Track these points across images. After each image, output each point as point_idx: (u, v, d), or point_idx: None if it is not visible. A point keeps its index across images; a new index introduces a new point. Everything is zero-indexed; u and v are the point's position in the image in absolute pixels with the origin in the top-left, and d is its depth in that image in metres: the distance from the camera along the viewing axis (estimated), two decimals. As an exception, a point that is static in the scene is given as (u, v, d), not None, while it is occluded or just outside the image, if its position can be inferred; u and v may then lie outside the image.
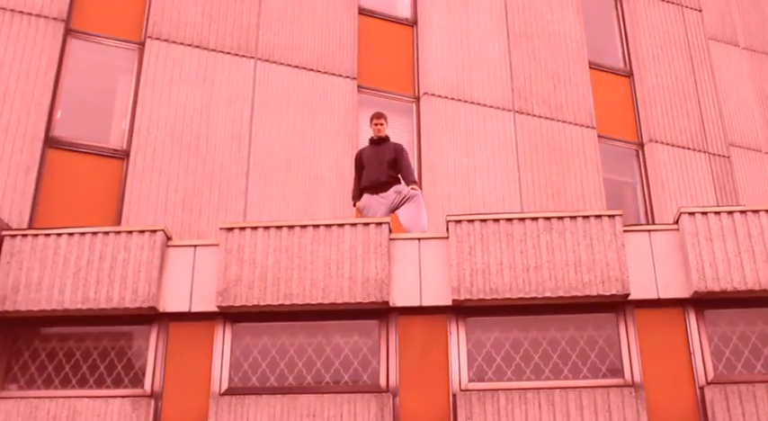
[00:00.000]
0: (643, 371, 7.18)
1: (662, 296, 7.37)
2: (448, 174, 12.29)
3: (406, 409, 7.15)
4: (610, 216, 7.59)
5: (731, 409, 6.94)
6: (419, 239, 7.73)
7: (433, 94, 12.84)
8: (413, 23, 13.62)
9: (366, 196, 9.32)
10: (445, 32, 13.43)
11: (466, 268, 7.43)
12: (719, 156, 14.42)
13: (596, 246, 7.46)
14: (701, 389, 7.14)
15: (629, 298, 7.36)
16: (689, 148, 14.21)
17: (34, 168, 10.15)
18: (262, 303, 7.38)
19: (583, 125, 13.65)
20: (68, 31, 11.19)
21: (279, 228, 7.63)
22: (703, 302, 7.43)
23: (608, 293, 7.29)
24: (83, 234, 7.69)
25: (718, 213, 7.57)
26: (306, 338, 7.50)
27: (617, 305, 7.46)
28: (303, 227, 7.63)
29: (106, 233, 7.71)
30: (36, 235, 7.73)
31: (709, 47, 15.61)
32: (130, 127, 10.98)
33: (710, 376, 7.20)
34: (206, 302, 7.51)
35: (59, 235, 7.69)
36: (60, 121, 10.71)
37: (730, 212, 7.57)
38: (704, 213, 7.57)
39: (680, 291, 7.37)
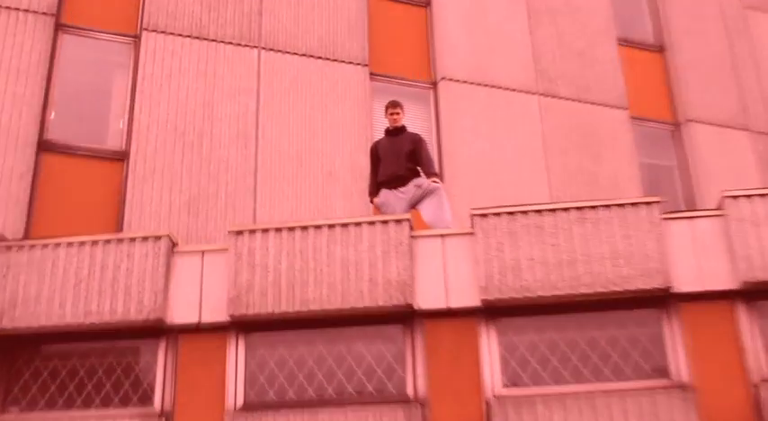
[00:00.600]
0: (691, 370, 7.08)
1: (708, 288, 7.27)
2: (470, 164, 12.23)
3: (437, 420, 7.08)
4: (647, 203, 7.51)
5: (788, 408, 6.86)
6: (443, 236, 7.67)
7: (452, 79, 12.78)
8: (426, 4, 13.55)
9: (384, 192, 9.27)
10: (461, 12, 13.36)
11: (494, 265, 7.36)
12: (764, 133, 14.28)
13: (634, 236, 7.37)
14: (756, 387, 7.03)
15: (673, 291, 7.25)
16: (730, 127, 14.10)
17: (28, 175, 10.15)
18: (276, 311, 7.33)
19: (613, 106, 13.58)
20: (59, 27, 11.18)
21: (291, 229, 7.58)
22: (753, 293, 7.31)
23: (649, 287, 7.21)
24: (82, 243, 7.66)
25: (765, 195, 7.47)
26: (325, 347, 7.45)
27: (659, 300, 7.36)
28: (317, 227, 7.58)
29: (107, 241, 7.67)
30: (33, 246, 7.71)
31: (746, 17, 15.45)
32: (128, 126, 10.97)
33: (765, 373, 7.09)
34: (216, 312, 7.46)
35: (57, 245, 7.66)
36: (54, 123, 10.71)
37: (779, 194, 7.48)
38: (749, 196, 7.48)
39: (728, 282, 7.27)
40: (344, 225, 7.58)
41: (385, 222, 7.58)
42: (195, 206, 10.63)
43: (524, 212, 7.55)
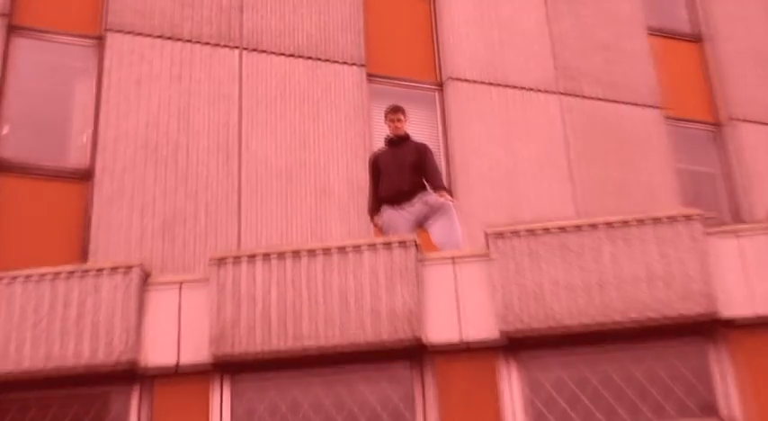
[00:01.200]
0: (743, 408, 7.06)
1: (760, 313, 7.24)
2: (483, 175, 12.23)
3: (452, 472, 7.08)
4: (688, 216, 7.50)
5: None
6: (454, 259, 7.66)
7: (460, 79, 12.80)
8: (430, -6, 13.63)
9: (386, 210, 9.26)
10: (470, 3, 13.38)
11: (514, 291, 7.34)
12: (820, 134, 14.33)
13: (673, 255, 7.36)
14: (817, 426, 7.03)
15: (719, 317, 7.23)
16: (780, 126, 14.13)
17: (-24, 199, 10.17)
18: (266, 349, 7.30)
19: (645, 105, 13.60)
20: (11, 29, 11.20)
21: (281, 255, 7.57)
22: (813, 318, 7.31)
23: (691, 313, 7.17)
24: (41, 276, 7.63)
25: (823, 205, 7.50)
26: (322, 390, 7.42)
27: (703, 327, 7.33)
28: (311, 252, 7.57)
29: (70, 273, 7.65)
30: (-16, 282, 7.70)
31: (796, -1, 15.52)
32: (93, 141, 10.97)
33: (827, 409, 7.09)
34: (197, 352, 7.43)
35: (13, 279, 7.62)
36: (6, 140, 10.70)
37: (839, 204, 7.49)
38: (806, 206, 7.51)
39: (783, 306, 7.27)
40: (342, 249, 7.56)
41: (388, 245, 7.57)
42: (171, 230, 10.62)
43: (547, 230, 7.54)
